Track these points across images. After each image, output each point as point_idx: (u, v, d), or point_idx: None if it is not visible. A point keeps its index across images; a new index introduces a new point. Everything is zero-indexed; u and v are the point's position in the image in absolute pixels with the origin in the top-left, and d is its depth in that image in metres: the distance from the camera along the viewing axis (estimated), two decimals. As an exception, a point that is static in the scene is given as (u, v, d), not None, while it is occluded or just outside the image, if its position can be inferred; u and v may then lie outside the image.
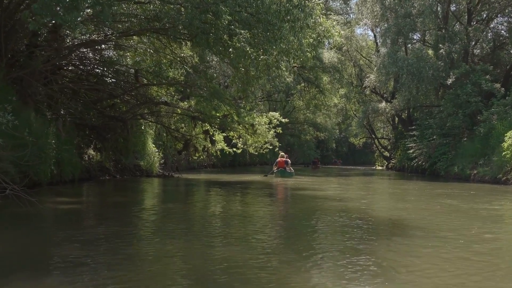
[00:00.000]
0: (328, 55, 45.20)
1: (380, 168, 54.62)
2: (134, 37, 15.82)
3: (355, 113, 57.61)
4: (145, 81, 17.96)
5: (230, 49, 11.42)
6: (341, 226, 8.18)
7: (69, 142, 15.51)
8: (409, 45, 37.07)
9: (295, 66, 27.71)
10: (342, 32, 43.44)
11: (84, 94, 17.26)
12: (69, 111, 15.48)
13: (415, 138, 34.14)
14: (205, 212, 9.99)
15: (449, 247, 6.62)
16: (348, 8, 49.16)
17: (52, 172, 13.89)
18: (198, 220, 8.68)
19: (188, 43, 15.42)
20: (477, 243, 7.01)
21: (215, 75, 27.18)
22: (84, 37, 13.72)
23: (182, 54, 16.38)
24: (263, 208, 10.77)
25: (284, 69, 14.98)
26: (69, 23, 8.06)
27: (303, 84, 47.44)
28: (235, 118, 19.21)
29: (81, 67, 17.15)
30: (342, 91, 51.65)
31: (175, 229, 7.54)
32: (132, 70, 17.31)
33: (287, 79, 14.84)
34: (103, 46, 15.74)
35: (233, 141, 23.06)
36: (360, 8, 39.20)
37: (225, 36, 11.35)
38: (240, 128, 20.58)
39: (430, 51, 33.34)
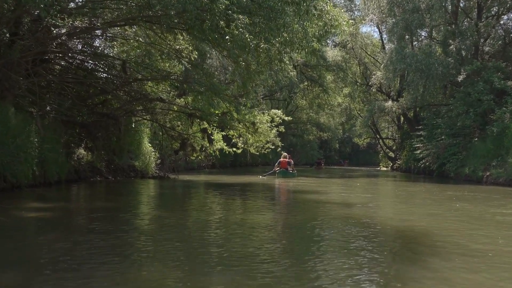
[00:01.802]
0: (332, 53, 44.21)
1: (384, 169, 53.37)
2: (126, 27, 14.68)
3: (359, 112, 56.49)
4: (139, 76, 16.79)
5: (227, 37, 10.20)
6: (349, 240, 6.96)
7: (55, 140, 14.37)
8: (415, 42, 35.92)
9: (298, 61, 26.38)
10: (349, 24, 42.59)
11: (73, 90, 16.11)
12: (54, 106, 14.32)
13: (422, 138, 32.99)
14: (200, 222, 8.64)
15: (480, 264, 5.60)
16: (353, 5, 47.98)
17: (34, 173, 12.75)
18: (192, 234, 7.32)
19: (184, 34, 14.30)
20: (510, 258, 6.02)
21: (216, 73, 26.09)
22: (69, 24, 12.53)
23: (178, 47, 15.20)
24: (264, 217, 9.45)
25: (287, 62, 13.78)
26: (36, 3, 6.90)
27: (306, 83, 46.43)
28: (235, 115, 18.01)
29: (70, 60, 15.99)
30: (346, 90, 50.64)
31: (164, 246, 6.26)
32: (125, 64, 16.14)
33: (291, 73, 13.62)
34: (92, 37, 14.55)
35: (233, 140, 21.84)
36: (366, 2, 38.01)
37: (221, 22, 10.16)
38: (241, 126, 19.35)
39: (438, 48, 32.14)
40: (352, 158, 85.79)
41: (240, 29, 9.92)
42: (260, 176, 25.62)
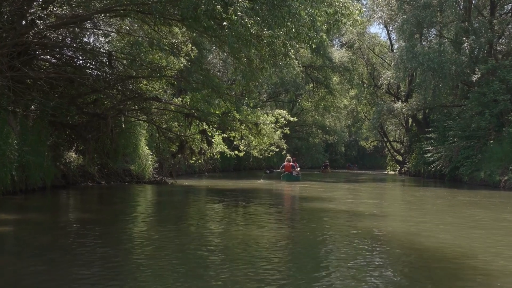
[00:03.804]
0: (338, 54, 42.98)
1: (392, 172, 51.93)
2: (117, 19, 13.46)
3: (366, 115, 55.14)
4: (134, 73, 15.53)
5: (225, 23, 8.91)
6: (364, 264, 5.74)
7: (38, 142, 13.16)
8: (424, 42, 34.60)
9: (304, 56, 24.83)
10: (354, 30, 41.77)
11: (61, 88, 14.91)
12: (37, 105, 13.09)
13: (432, 141, 31.65)
14: (196, 239, 7.17)
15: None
16: (360, 5, 46.71)
17: (13, 179, 11.52)
18: (187, 258, 5.92)
19: (180, 26, 13.08)
20: None
21: (218, 73, 24.86)
22: (48, 12, 11.33)
23: (174, 40, 13.96)
24: (267, 231, 7.94)
25: (293, 56, 12.49)
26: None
27: (311, 85, 45.23)
28: (236, 116, 16.68)
29: (57, 56, 14.77)
30: (352, 92, 49.38)
31: (152, 272, 5.00)
32: (122, 61, 14.87)
33: (297, 68, 12.34)
34: (78, 29, 13.28)
35: (235, 142, 20.51)
36: (375, 0, 36.73)
37: (218, 7, 8.89)
38: (243, 127, 18.01)
39: (449, 47, 30.78)
40: (358, 161, 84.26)
41: (239, 13, 8.65)
42: (268, 171, 25.13)
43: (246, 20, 8.81)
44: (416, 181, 30.88)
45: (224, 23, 8.93)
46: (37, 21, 12.36)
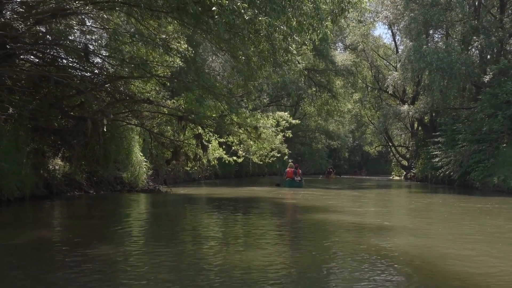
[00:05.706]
0: (342, 57, 41.95)
1: (397, 178, 50.62)
2: (102, 12, 12.31)
3: (370, 119, 53.93)
4: (124, 74, 14.34)
5: (214, 8, 7.72)
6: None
7: (15, 149, 11.97)
8: (430, 43, 33.47)
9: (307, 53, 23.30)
10: (358, 31, 40.69)
11: (45, 90, 13.76)
12: (12, 107, 11.93)
13: (440, 145, 30.44)
14: (190, 262, 6.00)
15: None
16: (363, 6, 45.63)
17: (-18, 189, 10.36)
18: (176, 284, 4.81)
19: (169, 19, 11.93)
20: None
21: (218, 77, 23.71)
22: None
23: (164, 36, 12.81)
24: (265, 250, 6.71)
25: (295, 52, 11.32)
26: None
27: (314, 89, 44.13)
28: (234, 119, 15.46)
29: (39, 54, 13.62)
30: (356, 96, 48.25)
31: None
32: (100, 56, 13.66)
33: (299, 65, 11.21)
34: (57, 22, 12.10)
35: (233, 147, 19.26)
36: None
37: (207, -9, 7.73)
38: (241, 131, 16.77)
39: (457, 47, 29.62)
40: (362, 167, 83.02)
41: (232, -4, 7.48)
42: (276, 184, 25.03)
43: (239, 3, 7.62)
44: (424, 187, 29.67)
45: (214, 8, 7.74)
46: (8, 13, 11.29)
